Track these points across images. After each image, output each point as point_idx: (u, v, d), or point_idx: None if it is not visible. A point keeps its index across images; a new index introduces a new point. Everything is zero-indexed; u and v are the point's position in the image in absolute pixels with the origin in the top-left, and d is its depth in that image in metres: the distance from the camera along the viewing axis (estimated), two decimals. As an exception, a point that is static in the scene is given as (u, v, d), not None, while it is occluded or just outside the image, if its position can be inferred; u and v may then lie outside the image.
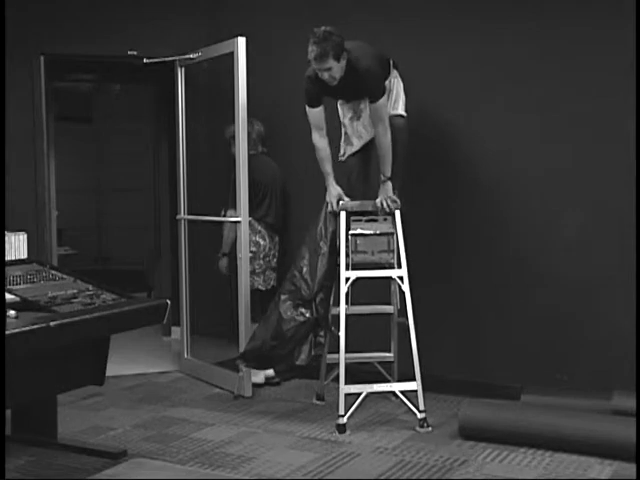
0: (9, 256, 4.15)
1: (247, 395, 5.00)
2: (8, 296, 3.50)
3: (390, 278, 4.53)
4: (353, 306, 4.54)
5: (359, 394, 4.35)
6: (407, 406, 4.36)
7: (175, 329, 6.23)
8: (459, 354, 4.98)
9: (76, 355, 3.74)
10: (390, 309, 4.72)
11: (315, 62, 4.23)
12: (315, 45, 4.17)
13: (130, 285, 6.49)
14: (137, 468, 3.46)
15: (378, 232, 4.44)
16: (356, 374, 4.54)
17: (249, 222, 5.07)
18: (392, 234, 4.43)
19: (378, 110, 4.36)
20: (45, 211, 5.84)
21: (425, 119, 4.80)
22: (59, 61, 5.99)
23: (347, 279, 4.37)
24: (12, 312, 3.29)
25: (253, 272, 5.21)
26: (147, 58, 5.60)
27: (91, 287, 3.85)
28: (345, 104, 4.69)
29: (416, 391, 4.30)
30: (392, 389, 4.48)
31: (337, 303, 4.45)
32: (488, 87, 4.82)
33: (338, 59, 4.22)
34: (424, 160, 4.84)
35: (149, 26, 5.81)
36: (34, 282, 3.81)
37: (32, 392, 3.64)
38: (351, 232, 4.43)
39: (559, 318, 4.65)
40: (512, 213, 4.79)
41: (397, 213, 4.43)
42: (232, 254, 5.19)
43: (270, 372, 5.19)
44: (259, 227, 5.29)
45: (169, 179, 6.58)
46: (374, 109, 4.38)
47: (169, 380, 5.51)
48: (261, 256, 5.29)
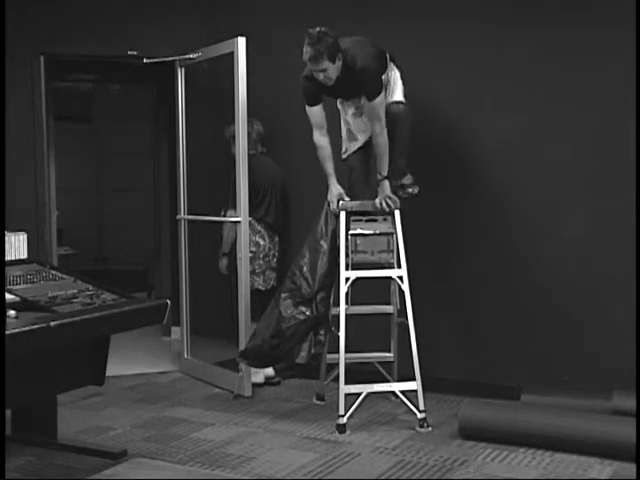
0: (9, 256, 4.15)
1: (247, 395, 5.00)
2: (8, 296, 3.50)
3: (390, 278, 4.53)
4: (353, 306, 4.55)
5: (359, 394, 4.35)
6: (407, 406, 4.35)
7: (175, 329, 6.22)
8: (459, 354, 4.98)
9: (76, 355, 3.74)
10: (390, 309, 4.72)
11: (310, 63, 4.23)
12: (310, 46, 4.17)
13: (130, 285, 6.50)
14: (137, 468, 3.47)
15: (378, 232, 4.44)
16: (356, 374, 4.54)
17: (249, 222, 5.07)
18: (392, 234, 4.43)
19: (375, 108, 4.36)
20: (45, 211, 5.83)
21: (424, 119, 4.79)
22: (59, 61, 5.99)
23: (347, 279, 4.37)
24: (12, 312, 3.29)
25: (253, 272, 5.21)
26: (147, 58, 5.60)
27: (91, 287, 3.85)
28: (345, 101, 4.69)
29: (416, 391, 4.29)
30: (392, 389, 4.48)
31: (337, 303, 4.45)
32: (488, 87, 4.82)
33: (333, 60, 4.21)
34: (423, 160, 4.83)
35: (149, 26, 5.81)
36: (34, 282, 3.80)
37: (32, 392, 3.64)
38: (351, 232, 4.43)
39: (559, 318, 4.65)
40: (512, 213, 4.79)
41: (397, 213, 4.43)
42: (232, 254, 5.19)
43: (270, 372, 5.20)
44: (259, 227, 5.29)
45: (169, 179, 6.57)
46: (370, 107, 4.38)
47: (169, 380, 5.51)
48: (261, 256, 5.29)
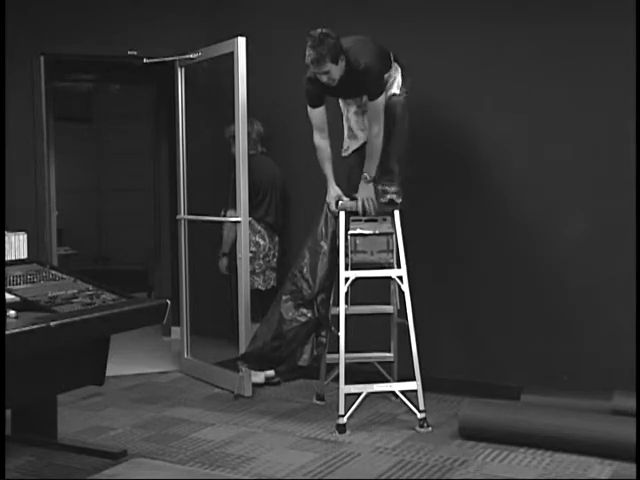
0: (9, 256, 4.15)
1: (247, 395, 5.00)
2: (8, 296, 3.50)
3: (390, 278, 4.53)
4: (353, 306, 4.55)
5: (359, 394, 4.35)
6: (407, 406, 4.35)
7: (175, 329, 6.22)
8: (459, 354, 4.98)
9: (76, 355, 3.74)
10: (390, 309, 4.72)
11: (312, 66, 4.23)
12: (312, 49, 4.16)
13: (130, 285, 6.49)
14: (137, 468, 3.47)
15: (377, 232, 4.44)
16: (356, 374, 4.54)
17: (249, 222, 5.07)
18: (391, 234, 4.43)
19: (376, 107, 4.35)
20: (45, 211, 5.83)
21: (424, 119, 4.79)
22: (59, 61, 5.99)
23: (347, 279, 4.37)
24: (12, 312, 3.29)
25: (253, 272, 5.21)
26: (147, 58, 5.60)
27: (91, 287, 3.85)
28: (347, 99, 4.68)
29: (416, 391, 4.30)
30: (392, 389, 4.48)
31: (337, 303, 4.45)
32: (488, 87, 4.81)
33: (336, 61, 4.20)
34: (423, 160, 4.84)
35: (149, 26, 5.81)
36: (34, 282, 3.80)
37: (32, 392, 3.64)
38: (350, 232, 4.43)
39: (559, 318, 4.65)
40: (512, 213, 4.79)
41: (396, 213, 4.43)
42: (232, 254, 5.19)
43: (270, 372, 5.19)
44: (259, 227, 5.29)
45: (169, 179, 6.58)
46: (372, 106, 4.37)
47: (169, 380, 5.51)
48: (261, 256, 5.29)
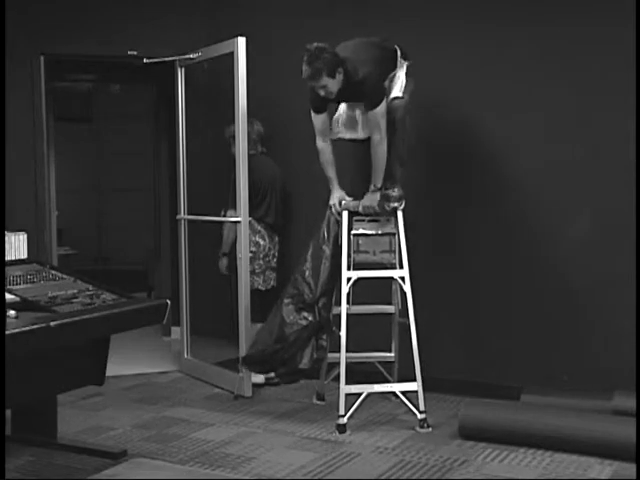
0: (9, 256, 4.15)
1: (247, 395, 4.99)
2: (8, 296, 3.50)
3: (391, 278, 4.53)
4: (354, 306, 4.54)
5: (359, 394, 4.35)
6: (407, 406, 4.35)
7: (175, 329, 6.22)
8: (459, 354, 4.98)
9: (76, 355, 3.74)
10: (391, 309, 4.72)
11: (309, 81, 4.23)
12: (307, 65, 4.16)
13: (130, 285, 6.48)
14: (137, 468, 3.47)
15: (380, 232, 4.45)
16: (357, 374, 4.54)
17: (249, 222, 5.07)
18: (394, 234, 4.43)
19: (376, 116, 4.32)
20: (45, 211, 5.83)
21: (424, 119, 4.79)
22: (59, 61, 5.99)
23: (349, 279, 4.37)
24: (12, 312, 3.29)
25: (253, 272, 5.21)
26: (147, 58, 5.60)
27: (91, 287, 3.85)
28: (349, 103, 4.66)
29: (416, 391, 4.30)
30: (392, 389, 4.48)
31: (338, 303, 4.45)
32: (488, 87, 4.81)
33: (333, 75, 4.19)
34: (424, 160, 4.84)
35: (149, 26, 5.81)
36: (34, 282, 3.80)
37: (32, 392, 3.63)
38: (353, 232, 4.43)
39: (559, 318, 4.65)
40: (512, 213, 4.79)
41: (399, 213, 4.43)
42: (232, 254, 5.19)
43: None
44: (259, 227, 5.29)
45: (169, 179, 6.57)
46: (372, 116, 4.35)
47: (169, 380, 5.51)
48: (261, 256, 5.28)
